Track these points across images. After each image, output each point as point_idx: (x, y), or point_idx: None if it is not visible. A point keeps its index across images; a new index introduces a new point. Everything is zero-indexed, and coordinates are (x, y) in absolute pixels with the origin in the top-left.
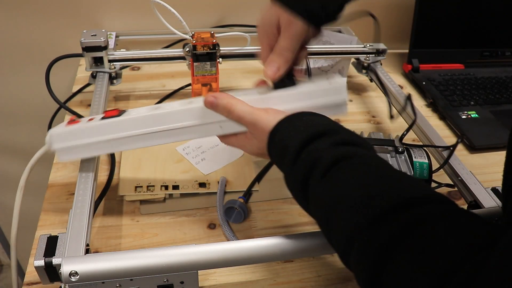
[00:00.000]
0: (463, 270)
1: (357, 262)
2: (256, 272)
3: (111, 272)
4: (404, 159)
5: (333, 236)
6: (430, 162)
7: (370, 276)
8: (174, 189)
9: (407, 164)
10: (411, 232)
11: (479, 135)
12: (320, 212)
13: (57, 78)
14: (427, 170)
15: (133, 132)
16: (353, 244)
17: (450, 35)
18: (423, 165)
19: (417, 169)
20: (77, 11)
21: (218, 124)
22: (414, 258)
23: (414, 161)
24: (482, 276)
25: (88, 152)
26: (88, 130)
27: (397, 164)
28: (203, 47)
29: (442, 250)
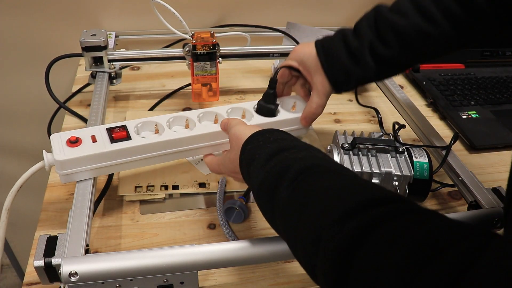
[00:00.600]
0: (429, 267)
1: (323, 261)
2: (256, 272)
3: (110, 272)
4: (404, 159)
5: (299, 244)
6: (431, 162)
7: (336, 275)
8: (174, 189)
9: (407, 164)
10: (377, 227)
11: (480, 135)
12: (288, 218)
13: (57, 78)
14: (427, 170)
15: (145, 155)
16: (319, 244)
17: None
18: (423, 165)
19: (417, 169)
20: (77, 11)
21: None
22: (380, 253)
23: (414, 161)
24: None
25: (96, 173)
26: (97, 156)
27: (397, 164)
28: (203, 47)
29: (408, 246)
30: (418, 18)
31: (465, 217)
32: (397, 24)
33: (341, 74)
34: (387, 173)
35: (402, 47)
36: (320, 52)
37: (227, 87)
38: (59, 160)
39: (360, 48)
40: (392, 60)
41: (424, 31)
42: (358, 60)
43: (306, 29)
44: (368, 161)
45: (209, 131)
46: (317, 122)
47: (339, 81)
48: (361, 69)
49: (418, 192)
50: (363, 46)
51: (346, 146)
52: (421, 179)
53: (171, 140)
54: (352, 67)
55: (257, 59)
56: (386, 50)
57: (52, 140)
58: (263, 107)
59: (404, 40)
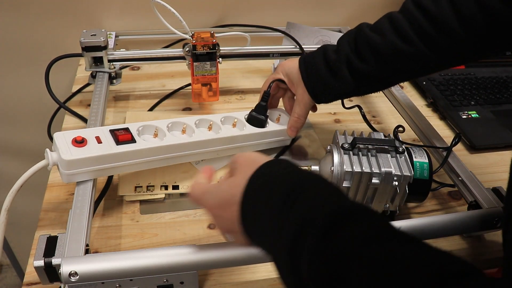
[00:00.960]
0: None
1: None
2: (256, 272)
3: (110, 272)
4: (404, 159)
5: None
6: (431, 162)
7: None
8: (174, 189)
9: (407, 164)
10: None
11: (480, 135)
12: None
13: (57, 78)
14: (427, 170)
15: (148, 158)
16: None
17: None
18: (423, 165)
19: (418, 169)
20: (77, 11)
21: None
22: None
23: (414, 161)
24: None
25: (98, 174)
26: (103, 158)
27: (397, 164)
28: (203, 47)
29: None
30: (393, 37)
31: (465, 217)
32: (373, 41)
33: (320, 85)
34: (387, 173)
35: (378, 63)
36: (301, 65)
37: (227, 87)
38: (67, 159)
39: (337, 62)
40: (370, 75)
41: (399, 49)
42: (335, 73)
43: (306, 29)
44: (368, 161)
45: (211, 137)
46: (317, 122)
47: (318, 93)
48: (339, 82)
49: (418, 192)
50: (341, 59)
51: (346, 146)
52: (421, 179)
53: (175, 145)
54: (331, 80)
55: (257, 59)
56: (363, 65)
57: (56, 139)
58: (254, 118)
59: (380, 57)
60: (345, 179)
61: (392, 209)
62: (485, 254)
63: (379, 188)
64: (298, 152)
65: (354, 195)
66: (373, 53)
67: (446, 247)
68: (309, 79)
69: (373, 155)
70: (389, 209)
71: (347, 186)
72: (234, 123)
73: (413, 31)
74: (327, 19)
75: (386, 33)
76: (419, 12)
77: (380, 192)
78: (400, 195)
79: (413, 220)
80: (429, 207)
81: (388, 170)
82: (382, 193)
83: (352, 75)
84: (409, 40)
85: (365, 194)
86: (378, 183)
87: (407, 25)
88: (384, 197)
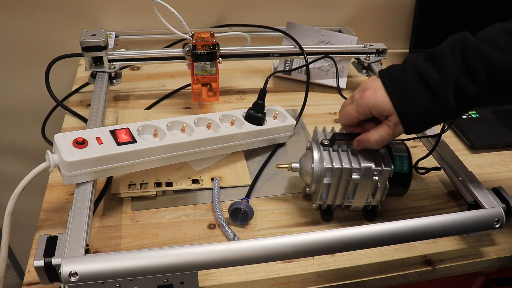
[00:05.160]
0: None
1: None
2: (256, 272)
3: (110, 272)
4: (384, 153)
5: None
6: (410, 155)
7: None
8: (168, 186)
9: (387, 158)
10: None
11: (480, 135)
12: None
13: (57, 78)
14: (407, 163)
15: (149, 158)
16: None
17: (450, 35)
18: (402, 159)
19: (397, 163)
20: (77, 11)
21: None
22: None
23: (394, 155)
24: None
25: (100, 175)
26: (105, 159)
27: (377, 158)
28: (203, 47)
29: None
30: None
31: (465, 217)
32: (491, 57)
33: (417, 114)
34: (367, 169)
35: (492, 84)
36: (391, 91)
37: (227, 87)
38: (68, 161)
39: (442, 83)
40: (476, 99)
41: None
42: (438, 98)
43: (306, 29)
44: (348, 156)
45: (211, 136)
46: (317, 122)
47: (412, 123)
48: (441, 109)
49: (399, 185)
50: (447, 80)
51: (325, 142)
52: (401, 172)
53: (176, 144)
54: (431, 106)
55: (257, 59)
56: (473, 86)
57: (57, 140)
58: (252, 116)
59: (497, 76)
60: (326, 175)
61: (374, 203)
62: (485, 254)
63: (360, 183)
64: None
65: (335, 191)
66: (488, 72)
67: (446, 247)
68: (403, 108)
69: (352, 150)
70: (371, 203)
71: (328, 183)
72: (233, 121)
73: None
74: (327, 19)
75: (505, 47)
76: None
77: (361, 187)
78: (381, 190)
79: (413, 220)
80: (429, 207)
81: (368, 165)
82: (363, 188)
83: (457, 99)
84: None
85: (346, 189)
86: (359, 178)
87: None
88: (365, 192)
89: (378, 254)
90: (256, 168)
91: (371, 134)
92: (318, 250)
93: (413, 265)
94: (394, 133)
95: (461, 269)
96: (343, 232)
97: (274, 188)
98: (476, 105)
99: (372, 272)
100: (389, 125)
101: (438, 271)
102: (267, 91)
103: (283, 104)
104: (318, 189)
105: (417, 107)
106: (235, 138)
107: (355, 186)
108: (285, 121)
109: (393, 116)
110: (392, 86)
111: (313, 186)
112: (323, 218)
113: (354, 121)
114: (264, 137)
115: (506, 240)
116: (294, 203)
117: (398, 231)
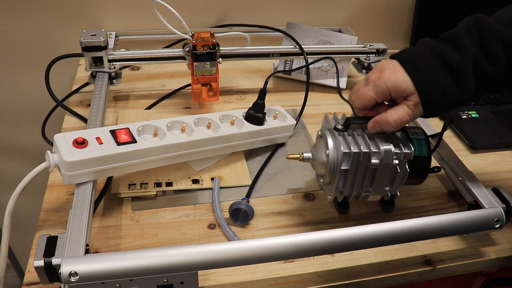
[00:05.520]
0: None
1: None
2: (256, 272)
3: (110, 272)
4: (401, 136)
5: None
6: (428, 138)
7: None
8: (168, 186)
9: (405, 141)
10: None
11: (480, 135)
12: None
13: (57, 78)
14: (425, 146)
15: (149, 158)
16: None
17: None
18: (421, 142)
19: (416, 146)
20: (77, 11)
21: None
22: None
23: (411, 137)
24: None
25: (100, 175)
26: (105, 159)
27: (395, 141)
28: (203, 47)
29: None
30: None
31: (465, 217)
32: (507, 37)
33: (438, 95)
34: (387, 151)
35: (509, 65)
36: (412, 72)
37: (227, 87)
38: (68, 161)
39: (463, 63)
40: (494, 79)
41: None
42: (460, 78)
43: (306, 29)
44: (364, 140)
45: (211, 136)
46: (316, 122)
47: (434, 105)
48: (462, 89)
49: (419, 170)
50: (467, 60)
51: (339, 127)
52: (421, 156)
53: (176, 144)
54: (452, 87)
55: (257, 59)
56: (491, 66)
57: (57, 140)
58: (252, 116)
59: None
60: (343, 161)
61: (392, 192)
62: (485, 254)
63: (379, 168)
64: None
65: (353, 179)
66: (506, 52)
67: (446, 247)
68: (425, 88)
69: (368, 134)
70: (389, 192)
71: (346, 169)
72: (233, 121)
73: None
74: (327, 19)
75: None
76: None
77: (380, 173)
78: (401, 175)
79: (413, 220)
80: (429, 207)
81: (388, 147)
82: (382, 173)
83: (476, 80)
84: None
85: (364, 177)
86: (378, 163)
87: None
88: (384, 178)
89: (378, 254)
90: (256, 168)
91: (389, 114)
92: (318, 250)
93: (413, 265)
94: (414, 114)
95: (461, 269)
96: (343, 232)
97: (274, 188)
98: (492, 87)
99: (372, 272)
100: (408, 105)
101: (438, 271)
102: (267, 91)
103: (283, 104)
104: (334, 179)
105: (438, 87)
106: (235, 138)
107: (374, 172)
108: (285, 121)
109: (414, 96)
110: (411, 66)
111: (328, 176)
112: (339, 211)
113: (371, 102)
114: (264, 137)
115: (506, 240)
116: (294, 203)
117: (398, 231)
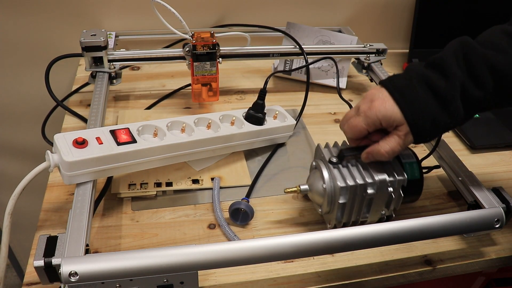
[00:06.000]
0: None
1: None
2: (256, 272)
3: (110, 272)
4: (394, 162)
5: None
6: (418, 160)
7: None
8: (168, 186)
9: (398, 167)
10: None
11: (480, 135)
12: None
13: (57, 78)
14: (417, 169)
15: (150, 158)
16: None
17: (450, 35)
18: (413, 165)
19: (408, 170)
20: (77, 11)
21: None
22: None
23: (403, 162)
24: None
25: (100, 175)
26: (105, 159)
27: (388, 169)
28: (203, 47)
29: None
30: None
31: (465, 217)
32: (494, 61)
33: (427, 124)
34: (381, 181)
35: (497, 88)
36: (401, 102)
37: (227, 87)
38: (68, 161)
39: (450, 90)
40: (481, 103)
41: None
42: (447, 106)
43: (306, 29)
44: (359, 171)
45: (211, 136)
46: (316, 122)
47: (423, 133)
48: (451, 117)
49: (412, 192)
50: (454, 87)
51: (333, 160)
52: (414, 179)
53: (176, 144)
54: (440, 115)
55: (257, 59)
56: (479, 91)
57: (57, 140)
58: (252, 116)
59: (502, 80)
60: (341, 194)
61: (387, 214)
62: (485, 254)
63: (375, 197)
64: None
65: (350, 209)
66: (493, 75)
67: (446, 247)
68: (414, 117)
69: (361, 164)
70: (385, 214)
71: (343, 202)
72: (233, 121)
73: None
74: (327, 19)
75: (508, 50)
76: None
77: (376, 201)
78: (396, 200)
79: (413, 220)
80: (429, 207)
81: (382, 177)
82: (378, 201)
83: (464, 105)
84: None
85: (361, 206)
86: (374, 192)
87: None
88: (380, 205)
89: (378, 254)
90: (256, 168)
91: (381, 146)
92: (318, 250)
93: (413, 265)
94: (405, 143)
95: (461, 269)
96: (343, 232)
97: (274, 188)
98: (481, 110)
99: (372, 272)
100: (399, 135)
101: (438, 271)
102: (267, 91)
103: (283, 104)
104: (332, 210)
105: (427, 115)
106: (235, 138)
107: (370, 201)
108: (285, 121)
109: (404, 126)
110: (400, 96)
111: (326, 207)
112: None
113: (363, 133)
114: (264, 137)
115: (506, 240)
116: (294, 203)
117: (398, 231)
